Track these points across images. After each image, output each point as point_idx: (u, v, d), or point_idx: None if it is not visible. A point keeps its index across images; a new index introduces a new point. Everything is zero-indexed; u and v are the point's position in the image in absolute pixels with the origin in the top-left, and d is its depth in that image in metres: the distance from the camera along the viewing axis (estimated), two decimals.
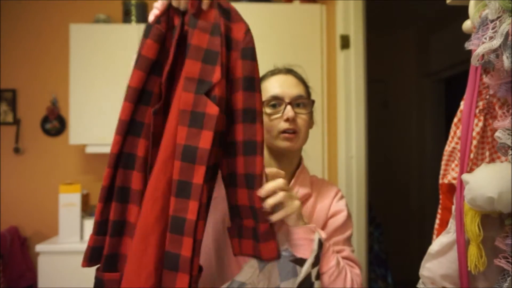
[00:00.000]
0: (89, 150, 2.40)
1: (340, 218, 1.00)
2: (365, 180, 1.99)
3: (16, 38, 2.67)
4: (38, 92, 2.65)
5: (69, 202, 2.12)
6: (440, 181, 0.84)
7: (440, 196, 0.86)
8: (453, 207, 0.77)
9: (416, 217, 3.60)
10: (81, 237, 2.17)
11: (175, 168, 0.73)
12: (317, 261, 0.82)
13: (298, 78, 1.06)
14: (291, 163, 1.05)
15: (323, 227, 0.99)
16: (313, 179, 1.08)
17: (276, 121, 0.99)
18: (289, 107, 0.98)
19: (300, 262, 0.81)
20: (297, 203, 0.83)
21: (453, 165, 0.81)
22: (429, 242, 0.84)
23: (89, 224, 2.18)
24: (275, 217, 0.80)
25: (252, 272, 0.79)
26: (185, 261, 0.70)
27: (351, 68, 1.99)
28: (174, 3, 0.80)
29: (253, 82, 0.80)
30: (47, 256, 2.10)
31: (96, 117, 2.33)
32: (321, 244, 0.83)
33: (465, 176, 0.70)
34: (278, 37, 2.07)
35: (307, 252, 0.82)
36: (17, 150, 2.63)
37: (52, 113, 2.64)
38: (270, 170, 0.85)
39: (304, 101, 1.02)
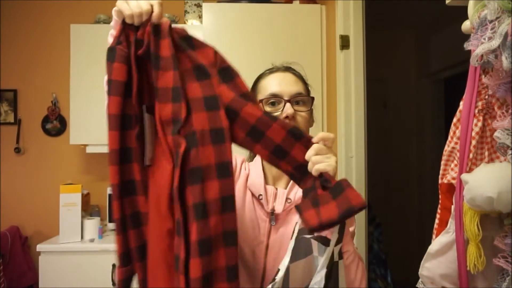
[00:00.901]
0: (90, 150, 2.41)
1: None
2: (364, 180, 1.99)
3: (16, 38, 2.67)
4: (38, 92, 2.66)
5: (70, 202, 2.12)
6: (440, 181, 0.85)
7: (440, 196, 0.86)
8: (453, 207, 0.77)
9: (415, 217, 3.60)
10: (82, 236, 2.17)
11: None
12: (340, 239, 0.77)
13: (296, 76, 1.06)
14: None
15: None
16: None
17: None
18: (288, 104, 0.97)
19: (321, 239, 0.77)
20: (334, 161, 0.80)
21: (452, 165, 0.81)
22: (428, 242, 0.84)
23: (89, 224, 2.19)
24: (315, 170, 0.78)
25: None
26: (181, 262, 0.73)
27: (351, 68, 1.99)
28: (128, 20, 0.80)
29: (249, 95, 0.83)
30: (48, 255, 2.10)
31: (96, 117, 2.34)
32: (344, 222, 0.79)
33: (465, 176, 0.70)
34: (278, 37, 2.07)
35: (328, 231, 0.79)
36: (18, 150, 2.63)
37: (52, 113, 2.64)
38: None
39: (303, 99, 1.01)
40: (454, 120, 0.80)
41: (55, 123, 2.66)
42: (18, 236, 2.48)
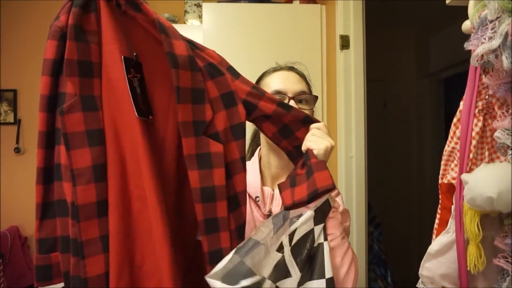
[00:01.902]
0: None
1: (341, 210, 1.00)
2: (364, 180, 1.99)
3: (16, 38, 2.67)
4: (38, 92, 2.66)
5: None
6: (440, 181, 0.84)
7: (440, 196, 0.86)
8: (453, 207, 0.77)
9: (415, 217, 3.60)
10: None
11: (197, 211, 0.75)
12: (320, 218, 0.78)
13: (300, 75, 1.07)
14: (287, 168, 1.03)
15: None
16: None
17: None
18: (292, 102, 0.98)
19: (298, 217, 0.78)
20: (324, 144, 0.81)
21: (452, 165, 0.81)
22: (428, 242, 0.84)
23: None
24: (303, 146, 0.83)
25: (267, 233, 0.77)
26: None
27: (351, 68, 1.99)
28: None
29: (258, 88, 0.85)
30: None
31: None
32: (329, 205, 0.81)
33: (465, 176, 0.70)
34: (278, 37, 2.07)
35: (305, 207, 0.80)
36: (18, 150, 2.63)
37: None
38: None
39: (306, 97, 1.02)
40: (454, 120, 0.80)
41: None
42: (18, 236, 2.48)
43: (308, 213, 0.76)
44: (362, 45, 1.99)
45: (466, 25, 0.74)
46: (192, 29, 2.40)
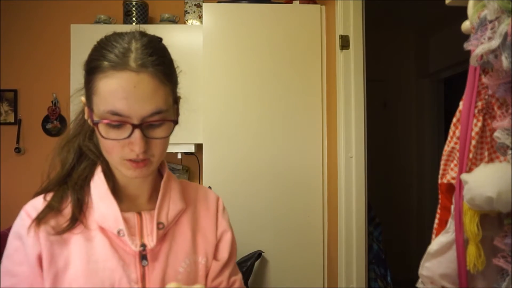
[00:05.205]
0: None
1: (228, 237, 0.83)
2: (364, 180, 1.99)
3: (17, 38, 2.67)
4: (39, 92, 2.66)
5: None
6: (439, 181, 0.85)
7: (439, 196, 0.86)
8: (452, 207, 0.77)
9: (415, 216, 3.61)
10: None
11: None
12: None
13: (156, 77, 0.65)
14: (148, 181, 0.78)
15: (215, 252, 0.81)
16: (184, 187, 0.83)
17: (118, 145, 0.67)
18: (138, 133, 0.65)
19: None
20: None
21: (452, 165, 0.81)
22: (428, 241, 0.84)
23: None
24: None
25: None
26: None
27: (351, 68, 1.99)
28: None
29: None
30: None
31: None
32: None
33: (464, 176, 0.70)
34: (278, 37, 2.07)
35: None
36: (18, 150, 2.63)
37: (53, 113, 2.65)
38: None
39: (163, 117, 0.67)
40: (454, 120, 0.81)
41: (56, 123, 2.66)
42: None
43: None
44: (362, 45, 1.99)
45: (465, 25, 0.75)
46: (192, 29, 2.40)
